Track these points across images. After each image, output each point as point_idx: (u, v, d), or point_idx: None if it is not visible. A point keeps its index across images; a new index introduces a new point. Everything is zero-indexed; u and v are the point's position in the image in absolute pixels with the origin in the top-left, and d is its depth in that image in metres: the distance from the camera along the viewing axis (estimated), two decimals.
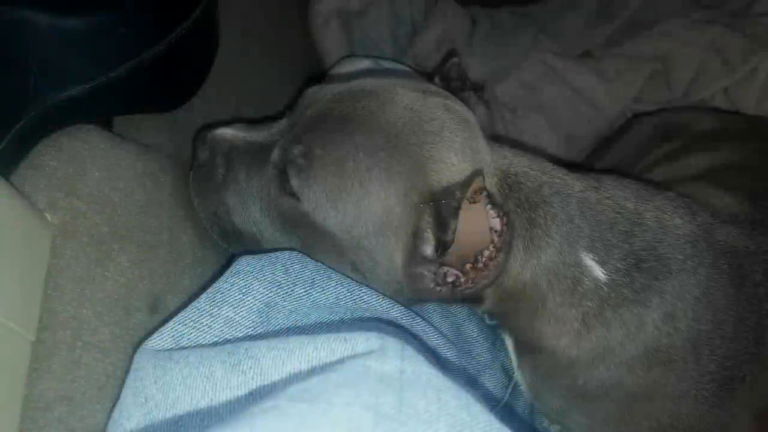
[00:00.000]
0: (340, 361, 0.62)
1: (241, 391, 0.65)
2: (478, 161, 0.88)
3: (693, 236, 0.93)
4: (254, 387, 0.65)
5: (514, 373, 1.11)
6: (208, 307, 0.79)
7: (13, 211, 0.70)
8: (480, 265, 0.83)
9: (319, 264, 0.89)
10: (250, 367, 0.66)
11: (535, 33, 1.97)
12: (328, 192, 0.85)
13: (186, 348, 0.75)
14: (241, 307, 0.80)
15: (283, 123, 0.97)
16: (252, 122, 1.01)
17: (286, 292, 0.83)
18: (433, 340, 0.94)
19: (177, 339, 0.76)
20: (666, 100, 1.83)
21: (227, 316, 0.78)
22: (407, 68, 1.72)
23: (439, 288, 0.87)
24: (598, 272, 0.90)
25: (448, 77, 1.08)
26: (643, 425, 0.97)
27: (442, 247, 0.82)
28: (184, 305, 0.80)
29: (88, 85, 0.84)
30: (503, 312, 0.97)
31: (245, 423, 0.51)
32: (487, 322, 1.16)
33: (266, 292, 0.82)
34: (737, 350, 0.92)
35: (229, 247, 1.01)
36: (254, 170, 0.94)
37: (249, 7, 1.46)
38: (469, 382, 1.03)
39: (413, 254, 0.86)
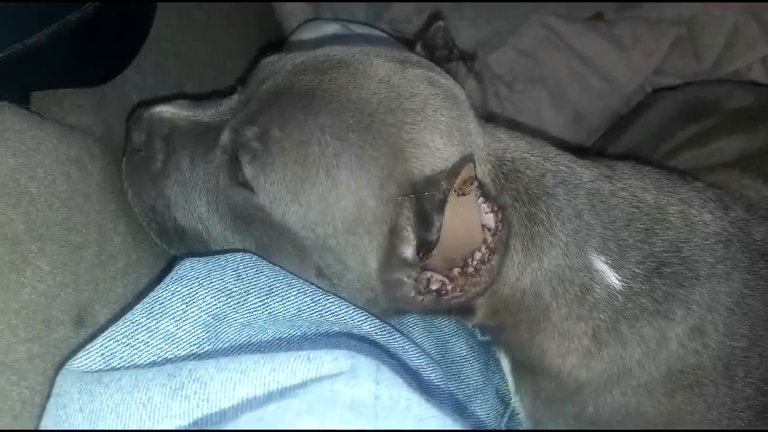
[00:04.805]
0: (303, 385, 0.63)
1: (185, 420, 0.66)
2: (467, 145, 0.89)
3: (725, 235, 0.94)
4: (200, 415, 0.65)
5: (510, 399, 1.12)
6: (144, 320, 0.79)
7: None
8: (470, 269, 0.83)
9: (278, 268, 0.89)
10: (195, 392, 0.66)
11: None
12: (288, 182, 0.86)
13: (118, 369, 0.75)
14: (184, 321, 0.80)
15: (234, 99, 0.97)
16: (197, 98, 1.01)
17: (238, 302, 0.83)
18: (415, 359, 0.95)
19: (107, 358, 0.76)
20: (693, 72, 1.84)
21: (167, 331, 0.79)
22: (382, 34, 1.72)
23: (421, 297, 0.87)
24: (612, 278, 0.90)
25: (432, 44, 1.08)
26: None
27: (424, 248, 0.83)
28: (115, 318, 0.81)
29: (1, 54, 0.83)
30: (498, 326, 0.97)
31: None
32: (479, 338, 1.17)
33: (214, 302, 0.82)
34: None
35: (169, 247, 1.01)
36: (200, 156, 0.94)
37: None
38: (458, 409, 1.03)
39: (390, 257, 0.86)
